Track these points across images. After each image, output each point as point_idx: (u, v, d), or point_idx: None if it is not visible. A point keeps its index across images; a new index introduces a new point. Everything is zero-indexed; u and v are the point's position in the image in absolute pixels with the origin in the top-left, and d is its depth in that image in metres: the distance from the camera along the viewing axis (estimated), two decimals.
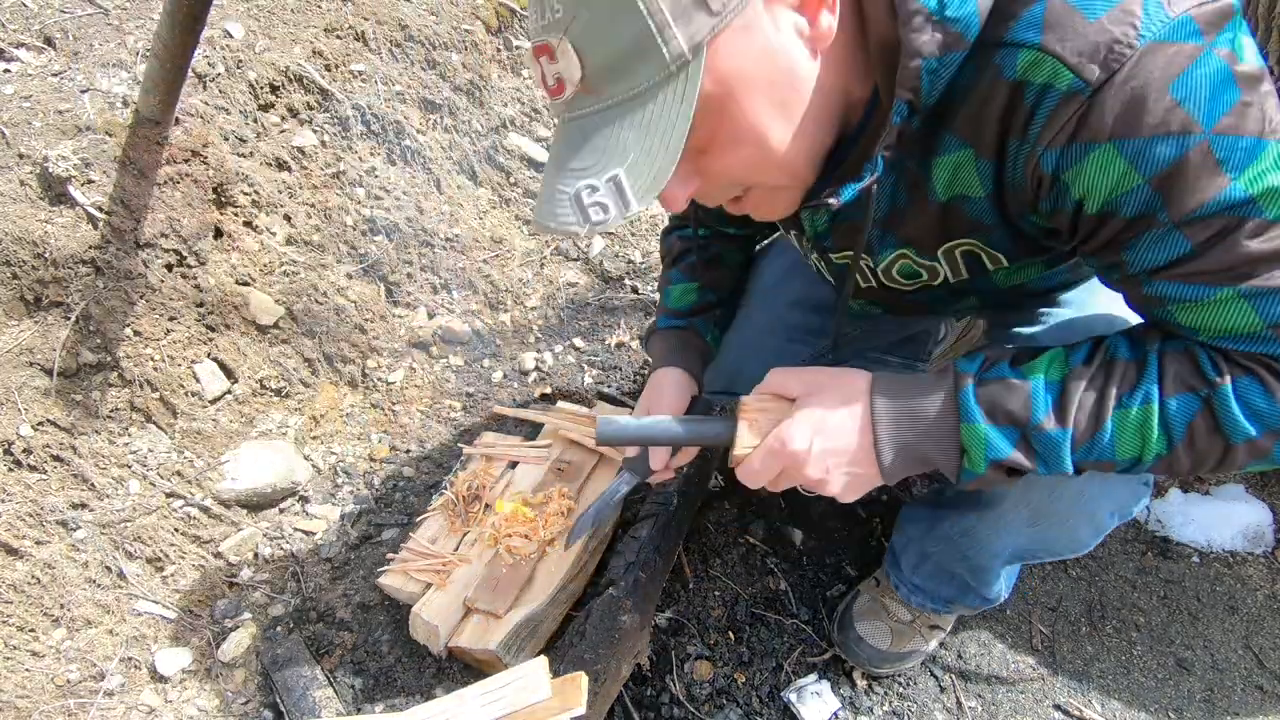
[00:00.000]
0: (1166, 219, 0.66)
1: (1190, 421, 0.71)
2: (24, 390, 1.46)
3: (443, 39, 2.38)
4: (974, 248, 0.85)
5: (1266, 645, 1.47)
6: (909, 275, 0.94)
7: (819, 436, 0.80)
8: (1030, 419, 0.74)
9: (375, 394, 1.93)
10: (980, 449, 0.76)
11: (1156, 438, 0.72)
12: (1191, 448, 0.71)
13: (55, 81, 1.74)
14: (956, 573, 1.25)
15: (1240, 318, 0.68)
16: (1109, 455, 0.74)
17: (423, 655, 1.32)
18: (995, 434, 0.75)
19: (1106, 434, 0.73)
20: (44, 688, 1.27)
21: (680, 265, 1.32)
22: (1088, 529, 0.97)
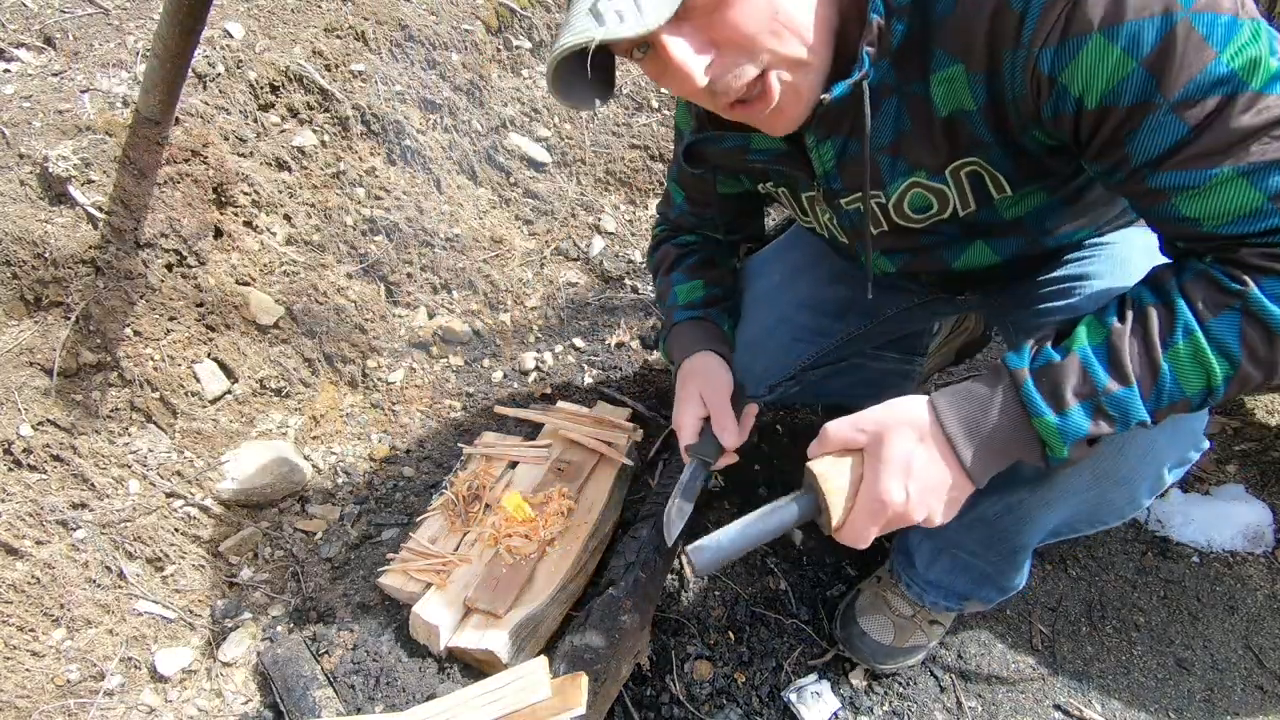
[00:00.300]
0: (1162, 100, 0.69)
1: (1240, 334, 0.72)
2: (24, 390, 1.46)
3: (443, 39, 2.38)
4: (978, 167, 0.88)
5: (1266, 645, 1.47)
6: (920, 208, 0.96)
7: (911, 482, 0.80)
8: (1096, 388, 0.75)
9: (375, 394, 1.93)
10: (1057, 436, 0.77)
11: (1215, 362, 0.73)
12: (1255, 359, 0.72)
13: (55, 81, 1.75)
14: (978, 564, 1.23)
15: (1241, 196, 0.69)
16: (1179, 394, 0.75)
17: (423, 655, 1.32)
18: (1069, 417, 0.76)
19: (1166, 376, 0.74)
20: (44, 688, 1.27)
21: (680, 268, 1.35)
22: (1146, 486, 0.96)
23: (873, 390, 1.77)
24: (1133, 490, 0.96)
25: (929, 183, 0.93)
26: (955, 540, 1.25)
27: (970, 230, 1.00)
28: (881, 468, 0.80)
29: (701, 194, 1.31)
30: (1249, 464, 1.80)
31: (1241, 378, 0.74)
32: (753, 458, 1.77)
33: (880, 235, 1.05)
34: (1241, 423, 1.91)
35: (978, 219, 0.96)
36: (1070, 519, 1.06)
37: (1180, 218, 0.75)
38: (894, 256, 1.10)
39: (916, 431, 0.80)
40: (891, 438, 0.80)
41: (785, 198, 1.17)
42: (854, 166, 0.95)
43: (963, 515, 1.18)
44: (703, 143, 1.08)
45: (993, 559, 1.21)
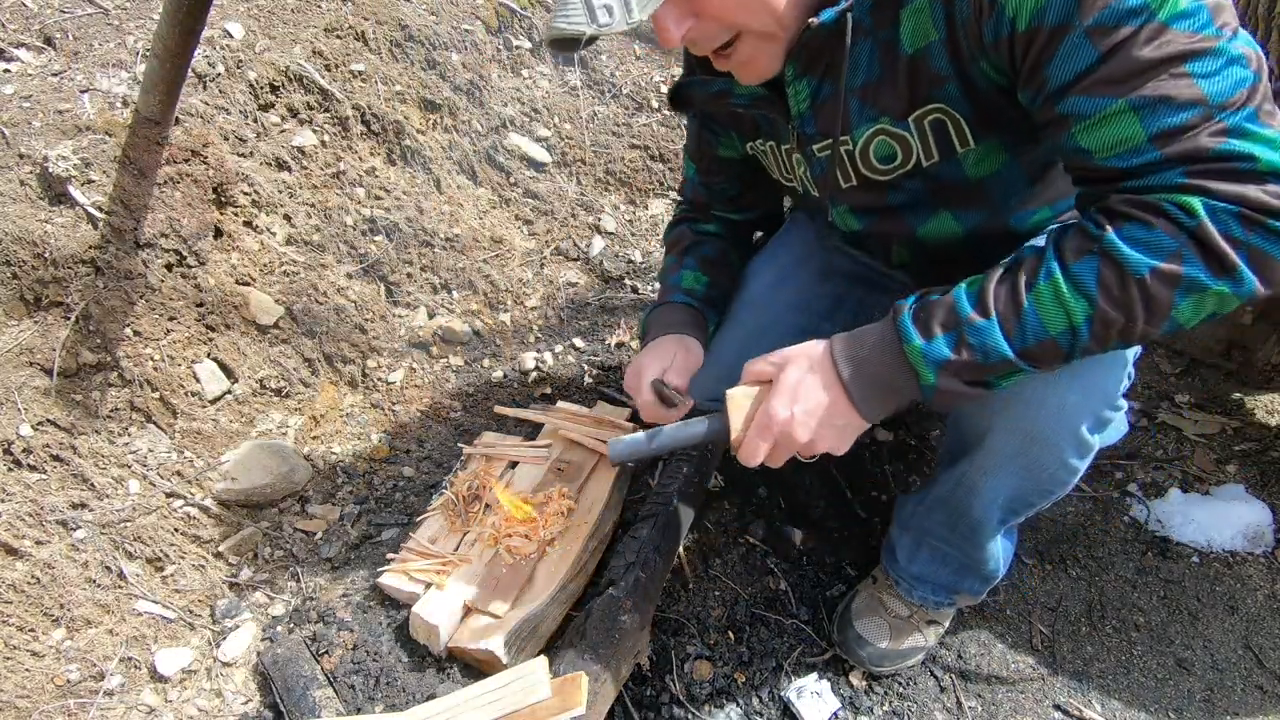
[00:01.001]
0: (1079, 23, 0.73)
1: (1097, 276, 0.76)
2: (24, 390, 1.46)
3: (443, 39, 2.38)
4: (941, 114, 0.92)
5: (1266, 645, 1.47)
6: (885, 157, 1.00)
7: (797, 404, 0.89)
8: (960, 319, 0.82)
9: (375, 394, 1.93)
10: (922, 360, 0.84)
11: (1073, 301, 0.77)
12: (1111, 299, 0.76)
13: (55, 81, 1.75)
14: (952, 552, 1.27)
15: (1127, 129, 0.74)
16: (1042, 332, 0.80)
17: (423, 655, 1.32)
18: (934, 344, 0.83)
19: (1029, 314, 0.80)
20: (44, 688, 1.27)
21: (695, 255, 1.39)
22: (1070, 447, 0.99)
23: None
24: (1059, 451, 0.99)
25: (893, 129, 0.97)
26: (925, 528, 1.28)
27: (936, 193, 1.04)
28: (774, 391, 0.90)
29: (709, 163, 1.36)
30: (1249, 464, 1.80)
31: (1101, 318, 0.77)
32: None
33: (849, 190, 1.09)
34: (1241, 423, 1.91)
35: (941, 174, 1.00)
36: (1016, 489, 1.08)
37: (1076, 148, 0.79)
38: (861, 215, 1.13)
39: (809, 361, 0.90)
40: (789, 367, 0.91)
41: (771, 154, 1.20)
42: (827, 110, 1.00)
43: (924, 498, 1.25)
44: (690, 86, 1.14)
45: (959, 541, 1.24)
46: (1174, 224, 0.73)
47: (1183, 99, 0.71)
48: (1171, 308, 0.76)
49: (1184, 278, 0.74)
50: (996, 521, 1.16)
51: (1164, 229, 0.74)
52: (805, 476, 1.74)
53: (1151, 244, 0.74)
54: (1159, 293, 0.75)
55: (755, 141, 1.22)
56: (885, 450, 1.85)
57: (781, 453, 0.93)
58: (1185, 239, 0.73)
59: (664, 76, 2.88)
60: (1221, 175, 0.72)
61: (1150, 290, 0.75)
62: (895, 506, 1.38)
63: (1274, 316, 1.94)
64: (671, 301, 1.34)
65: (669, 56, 2.99)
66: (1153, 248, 0.74)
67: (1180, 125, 0.72)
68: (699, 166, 1.39)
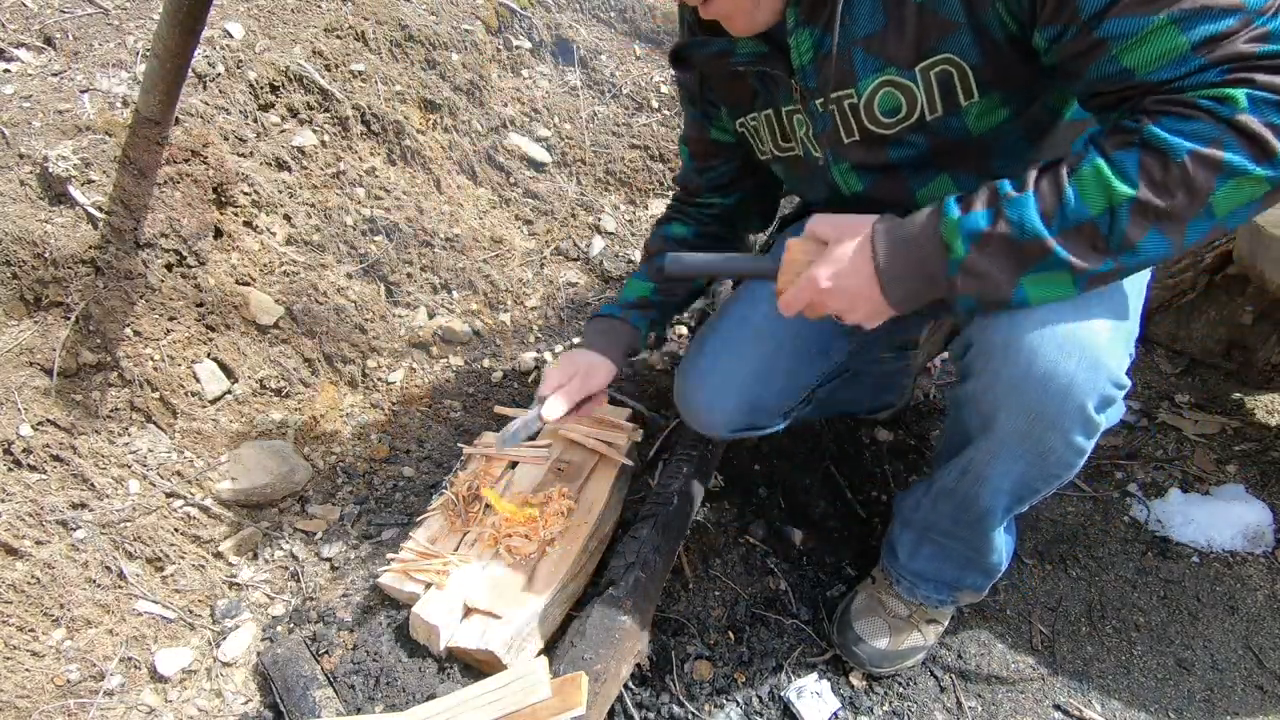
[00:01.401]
0: None
1: (1139, 162, 0.79)
2: (24, 390, 1.46)
3: (443, 39, 2.38)
4: (948, 65, 0.94)
5: (1266, 645, 1.47)
6: (889, 109, 1.01)
7: (838, 277, 0.95)
8: (999, 195, 0.86)
9: (375, 394, 1.93)
10: (957, 232, 0.87)
11: (1115, 183, 0.79)
12: (1152, 182, 0.78)
13: (55, 81, 1.75)
14: (955, 545, 1.27)
15: (1170, 41, 0.76)
16: (1082, 214, 0.82)
17: (423, 655, 1.32)
18: (971, 215, 0.86)
19: (1070, 196, 0.82)
20: (44, 688, 1.27)
21: (650, 265, 1.49)
22: (1078, 427, 0.99)
23: (875, 392, 1.78)
24: (1065, 431, 0.99)
25: (899, 79, 0.98)
26: (929, 522, 1.28)
27: (937, 151, 1.05)
28: (824, 257, 0.97)
29: (704, 148, 1.39)
30: (1249, 464, 1.80)
31: (1142, 200, 0.79)
32: (752, 457, 1.77)
33: (851, 146, 1.10)
34: (1241, 423, 1.91)
35: (943, 129, 1.01)
36: (1024, 474, 1.08)
37: (1118, 70, 0.81)
38: (863, 174, 1.14)
39: (858, 238, 0.95)
40: (843, 239, 0.96)
41: (766, 125, 1.21)
42: (830, 62, 1.01)
43: (929, 490, 1.25)
44: (690, 47, 1.16)
45: (964, 533, 1.24)
46: (1213, 115, 0.76)
47: (1221, 6, 0.74)
48: (1210, 193, 0.77)
49: (1225, 163, 0.76)
50: (1002, 509, 1.16)
51: (1204, 119, 0.76)
52: (805, 476, 1.74)
53: (1188, 132, 0.76)
54: (1199, 176, 0.77)
55: (749, 116, 1.22)
56: (885, 450, 1.85)
57: (817, 311, 1.01)
58: (1225, 127, 0.75)
59: (664, 77, 2.88)
60: (1265, 69, 0.74)
61: (1191, 173, 0.77)
62: (895, 503, 1.38)
63: (1274, 316, 1.94)
64: (598, 315, 1.47)
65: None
66: (1193, 135, 0.76)
67: (1222, 32, 0.74)
68: (693, 152, 1.41)
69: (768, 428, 1.41)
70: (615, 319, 1.45)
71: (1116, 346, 0.95)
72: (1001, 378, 0.96)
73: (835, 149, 1.13)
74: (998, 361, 0.96)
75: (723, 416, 1.34)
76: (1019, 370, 0.94)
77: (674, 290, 1.49)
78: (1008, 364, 0.95)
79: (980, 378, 1.00)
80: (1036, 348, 0.92)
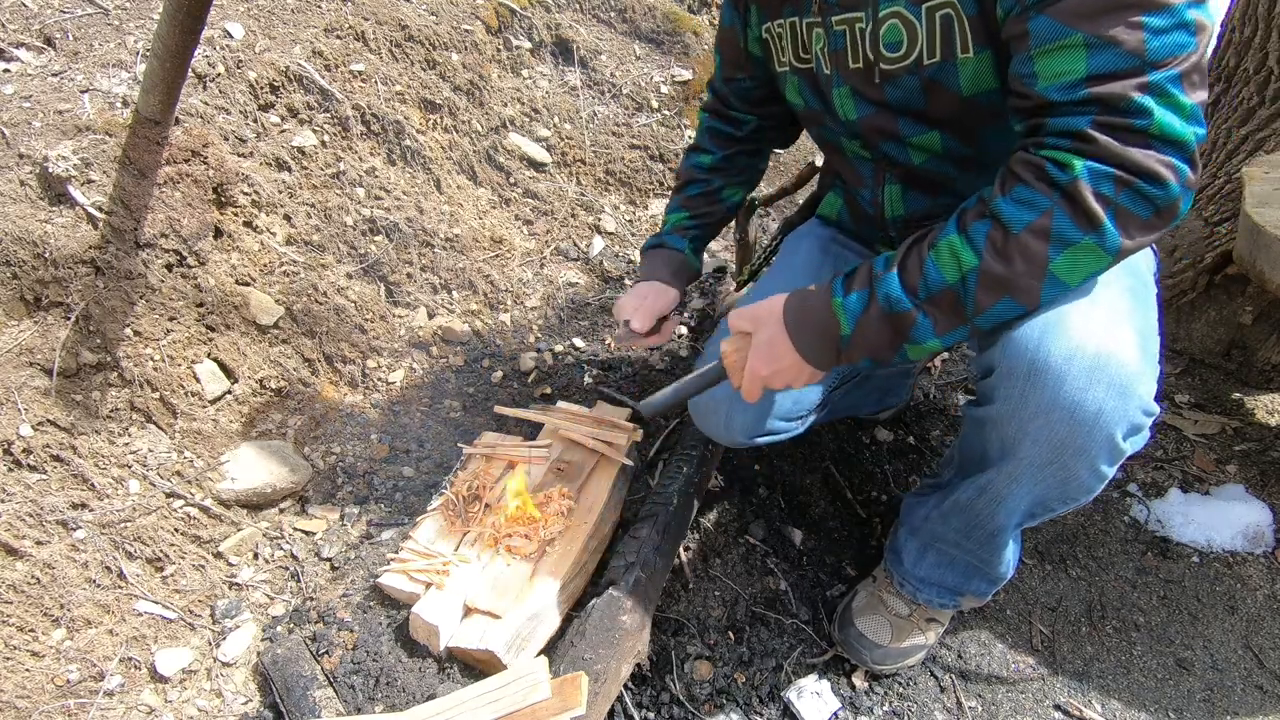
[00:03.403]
0: None
1: (986, 234, 0.87)
2: (24, 390, 1.46)
3: (443, 39, 2.38)
4: (950, 10, 0.96)
5: (1266, 645, 1.47)
6: (892, 43, 1.04)
7: (769, 360, 1.05)
8: (872, 273, 0.96)
9: (375, 394, 1.93)
10: (842, 311, 0.97)
11: (965, 254, 0.88)
12: (995, 252, 0.86)
13: (55, 81, 1.75)
14: (962, 555, 1.27)
15: (1073, 62, 0.81)
16: (939, 281, 0.90)
17: (423, 655, 1.32)
18: (851, 297, 0.97)
19: (929, 266, 0.91)
20: (44, 688, 1.27)
21: (682, 196, 1.55)
22: (1104, 454, 0.97)
23: (879, 395, 1.78)
24: (1091, 459, 0.98)
25: (906, 12, 1.01)
26: (938, 533, 1.27)
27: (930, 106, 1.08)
28: (753, 351, 1.06)
29: (734, 54, 1.40)
30: (1249, 464, 1.80)
31: (986, 269, 0.87)
32: (752, 457, 1.77)
33: (855, 71, 1.13)
34: (1241, 423, 1.91)
35: (937, 77, 1.04)
36: (1041, 497, 1.07)
37: (1028, 70, 0.85)
38: (859, 102, 1.16)
39: (772, 323, 1.04)
40: (760, 330, 1.05)
41: (789, 33, 1.22)
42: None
43: (940, 504, 1.25)
44: None
45: (973, 546, 1.24)
46: (1049, 182, 0.82)
47: (1127, 47, 0.78)
48: (1048, 261, 0.85)
49: (1053, 231, 0.83)
50: (1014, 526, 1.16)
51: (1040, 188, 0.83)
52: (805, 476, 1.74)
53: (1028, 202, 0.84)
54: (1034, 246, 0.84)
55: (775, 22, 1.24)
56: (885, 450, 1.85)
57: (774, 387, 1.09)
58: (1057, 196, 0.82)
59: (664, 77, 2.89)
60: (1115, 131, 0.79)
61: (1026, 244, 0.84)
62: (903, 510, 1.38)
63: (1274, 316, 1.94)
64: (645, 249, 1.55)
65: (668, 56, 2.99)
66: (1028, 205, 0.84)
67: (1114, 71, 0.79)
68: (724, 59, 1.43)
69: (786, 433, 1.41)
70: (661, 248, 1.52)
71: (1146, 372, 0.94)
72: (1028, 405, 0.95)
73: (840, 70, 1.14)
74: (1023, 388, 0.95)
75: (742, 422, 1.33)
76: (1045, 398, 0.93)
77: (708, 213, 1.54)
78: (1034, 391, 0.94)
79: (1004, 403, 0.99)
80: (1064, 375, 0.91)
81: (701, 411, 1.39)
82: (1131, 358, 0.91)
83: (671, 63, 2.95)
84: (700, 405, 1.39)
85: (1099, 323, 0.92)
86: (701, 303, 2.32)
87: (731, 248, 2.55)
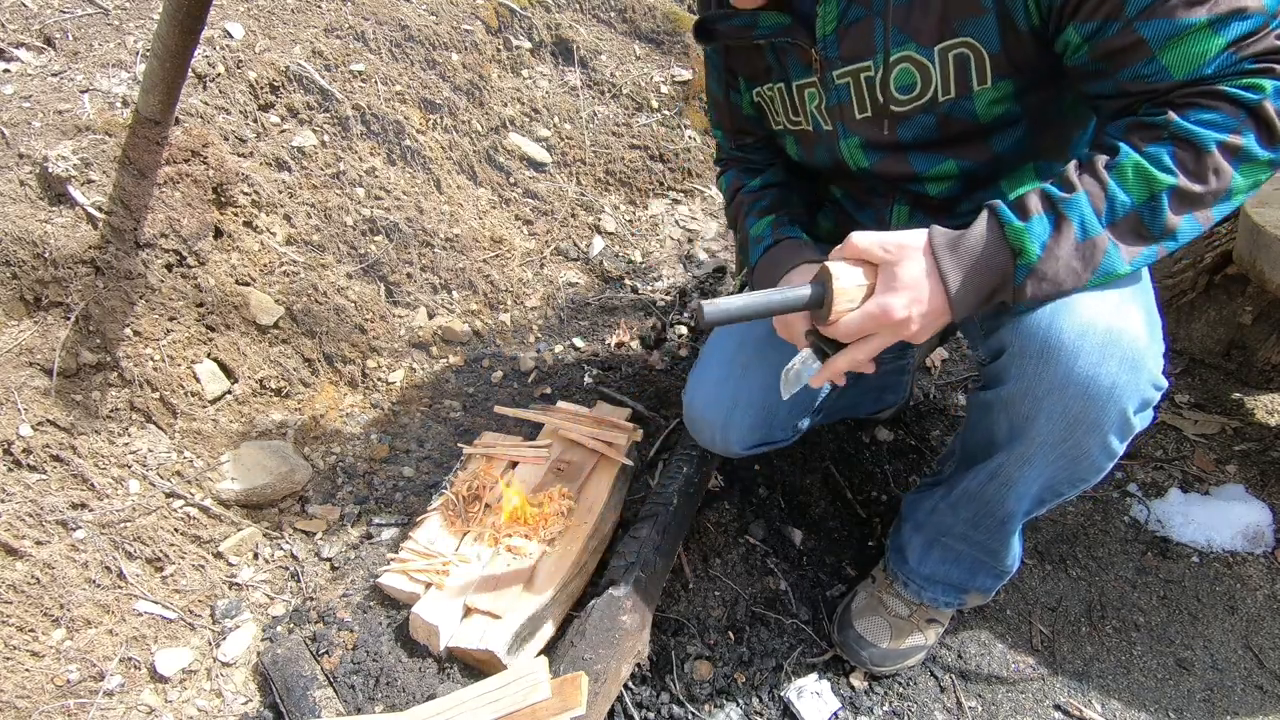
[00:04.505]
0: None
1: (1173, 154, 0.85)
2: (24, 390, 1.46)
3: (443, 39, 2.38)
4: (967, 48, 0.97)
5: (1266, 645, 1.47)
6: (905, 86, 1.04)
7: (916, 304, 0.92)
8: (1054, 199, 0.88)
9: (375, 394, 1.93)
10: (1026, 237, 0.88)
11: (1156, 173, 0.85)
12: (1188, 172, 0.85)
13: (55, 81, 1.75)
14: (969, 549, 1.27)
15: (1207, 43, 0.83)
16: (1129, 203, 0.87)
17: (423, 655, 1.32)
18: (1033, 221, 0.88)
19: (1114, 188, 0.86)
20: (44, 688, 1.27)
21: (753, 213, 1.34)
22: (1116, 430, 0.99)
23: (876, 394, 1.78)
24: (1104, 434, 0.99)
25: (918, 56, 1.00)
26: (945, 526, 1.27)
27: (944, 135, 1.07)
28: (893, 285, 0.92)
29: (735, 124, 1.38)
30: (1249, 464, 1.80)
31: (1181, 190, 0.85)
32: (752, 457, 1.77)
33: (863, 122, 1.11)
34: (1241, 423, 1.91)
35: (953, 112, 1.03)
36: (1052, 479, 1.08)
37: (1155, 69, 0.86)
38: (870, 151, 1.15)
39: (926, 261, 0.92)
40: (906, 261, 0.92)
41: (779, 97, 1.22)
42: (854, 33, 1.03)
43: (948, 494, 1.23)
44: (713, 19, 1.18)
45: (982, 537, 1.23)
46: (1235, 104, 0.83)
47: (1251, 9, 0.81)
48: (1232, 176, 0.85)
49: (1243, 148, 0.83)
50: (1023, 513, 1.16)
51: (1226, 110, 0.83)
52: (805, 476, 1.74)
53: (1215, 123, 0.83)
54: (1225, 162, 0.84)
55: (764, 86, 1.23)
56: (885, 450, 1.85)
57: (881, 344, 0.96)
58: (1245, 114, 0.83)
59: (664, 77, 2.89)
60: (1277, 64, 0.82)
61: (1219, 160, 0.84)
62: (905, 507, 1.37)
63: (1274, 316, 1.94)
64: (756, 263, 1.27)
65: (668, 56, 2.99)
66: (1219, 125, 0.83)
67: (1251, 30, 0.82)
68: (726, 131, 1.41)
69: (780, 441, 1.41)
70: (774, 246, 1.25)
71: (1154, 347, 0.96)
72: (1042, 382, 0.96)
73: (846, 123, 1.13)
74: (1036, 365, 0.96)
75: (738, 433, 1.32)
76: (1059, 374, 0.94)
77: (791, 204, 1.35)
78: (1047, 368, 0.95)
79: (1017, 382, 0.99)
80: (1078, 351, 0.92)
81: (696, 420, 1.38)
82: (1141, 333, 0.93)
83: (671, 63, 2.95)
84: (696, 413, 1.37)
85: (1108, 302, 0.93)
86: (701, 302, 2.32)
87: (731, 248, 2.56)
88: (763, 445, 1.39)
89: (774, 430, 1.36)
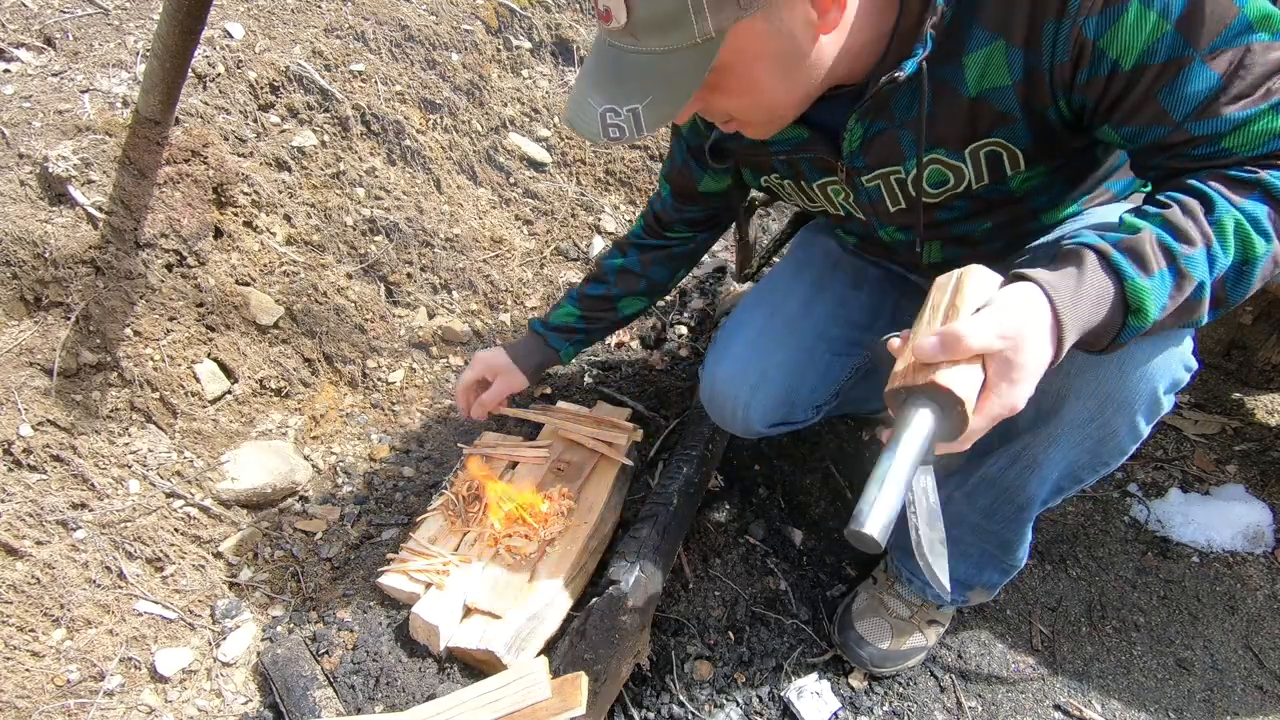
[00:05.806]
0: (1193, 53, 0.78)
1: (1268, 212, 0.80)
2: (24, 390, 1.46)
3: (443, 39, 2.38)
4: (997, 147, 0.97)
5: (1266, 645, 1.47)
6: (937, 183, 1.04)
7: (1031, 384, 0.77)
8: (1175, 253, 0.79)
9: (375, 394, 1.93)
10: (1148, 298, 0.78)
11: (1255, 238, 0.79)
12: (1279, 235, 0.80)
13: (55, 81, 1.74)
14: (980, 542, 1.26)
15: (1271, 124, 0.79)
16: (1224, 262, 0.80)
17: (423, 655, 1.32)
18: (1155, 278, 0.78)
19: (1215, 243, 0.79)
20: (44, 688, 1.27)
21: (582, 290, 1.56)
22: (1145, 410, 0.99)
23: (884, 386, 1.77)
24: (1133, 414, 0.99)
25: (948, 159, 1.00)
26: (959, 516, 1.25)
27: (981, 207, 1.08)
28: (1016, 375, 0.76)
29: (686, 190, 1.41)
30: (1249, 464, 1.80)
31: (1275, 254, 0.80)
32: (752, 457, 1.77)
33: (896, 212, 1.12)
34: (1241, 423, 1.91)
35: (988, 194, 1.04)
36: (1074, 463, 1.07)
37: (1216, 150, 0.82)
38: (908, 230, 1.17)
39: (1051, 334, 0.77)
40: (1029, 348, 0.76)
41: (790, 188, 1.22)
42: (879, 144, 1.02)
43: (964, 483, 1.23)
44: (726, 139, 1.17)
45: (996, 526, 1.22)
46: None
47: None
48: None
49: None
50: (1041, 501, 1.15)
51: None
52: (805, 476, 1.74)
53: None
54: None
55: (771, 177, 1.24)
56: None
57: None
58: None
59: None
60: None
61: None
62: None
63: (1274, 316, 1.94)
64: (542, 333, 1.57)
65: None
66: None
67: None
68: (674, 190, 1.44)
69: (800, 422, 1.41)
70: (542, 338, 1.57)
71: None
72: (1075, 359, 0.92)
73: (879, 216, 1.15)
74: None
75: (760, 411, 1.33)
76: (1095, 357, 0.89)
77: (599, 319, 1.57)
78: None
79: None
80: None
81: (719, 394, 1.37)
82: None
83: None
84: (719, 387, 1.36)
85: None
86: (701, 302, 2.32)
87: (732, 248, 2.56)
88: (783, 425, 1.39)
89: (795, 410, 1.36)
